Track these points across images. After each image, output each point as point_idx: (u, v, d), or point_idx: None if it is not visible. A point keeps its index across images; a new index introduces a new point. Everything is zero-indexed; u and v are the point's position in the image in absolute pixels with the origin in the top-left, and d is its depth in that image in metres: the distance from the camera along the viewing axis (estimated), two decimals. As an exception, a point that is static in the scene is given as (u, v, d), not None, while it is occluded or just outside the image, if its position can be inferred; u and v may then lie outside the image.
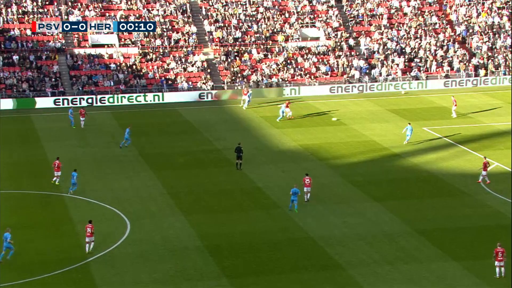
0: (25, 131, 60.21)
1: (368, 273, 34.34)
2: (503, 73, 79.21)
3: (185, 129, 60.74)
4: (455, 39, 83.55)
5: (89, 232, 36.37)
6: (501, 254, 33.40)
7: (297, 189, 41.88)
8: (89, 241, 36.40)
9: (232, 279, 33.66)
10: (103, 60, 74.24)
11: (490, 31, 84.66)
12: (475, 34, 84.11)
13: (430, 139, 57.51)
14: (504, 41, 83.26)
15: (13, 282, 33.21)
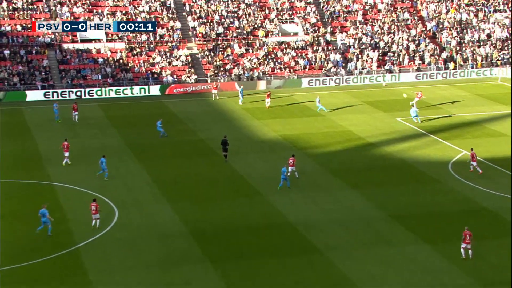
0: (16, 123, 59.70)
1: (345, 256, 34.39)
2: (471, 66, 79.73)
3: (170, 120, 60.46)
4: (426, 34, 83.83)
5: (94, 210, 37.25)
6: (468, 236, 33.59)
7: (284, 168, 43.18)
8: (95, 218, 37.30)
9: (215, 263, 33.58)
10: (91, 55, 73.71)
11: (458, 27, 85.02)
12: (445, 30, 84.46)
13: (403, 128, 57.67)
14: (471, 36, 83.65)
15: (4, 268, 32.90)
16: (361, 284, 31.60)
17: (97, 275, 32.37)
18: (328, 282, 31.92)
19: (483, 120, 60.25)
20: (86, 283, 31.68)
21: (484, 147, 51.29)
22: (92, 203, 37.61)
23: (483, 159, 48.48)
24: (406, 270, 33.02)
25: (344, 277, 32.31)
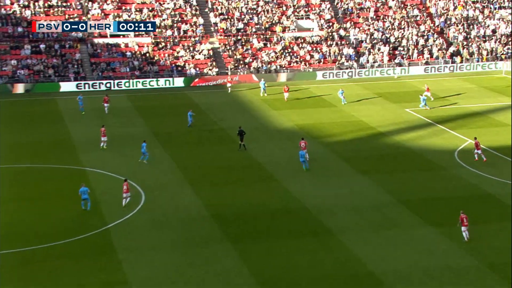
0: (51, 112, 60.13)
1: (356, 238, 34.42)
2: (476, 60, 79.08)
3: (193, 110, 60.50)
4: (434, 29, 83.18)
5: (125, 189, 37.97)
6: (465, 220, 33.60)
7: (302, 151, 44.15)
8: (125, 196, 38.05)
9: (234, 244, 33.75)
10: (120, 49, 73.94)
11: (465, 23, 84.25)
12: (452, 25, 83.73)
13: (412, 118, 57.43)
14: (477, 32, 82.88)
15: (39, 246, 33.31)
16: (370, 265, 31.65)
17: (125, 254, 32.67)
18: (340, 263, 31.99)
19: (487, 111, 59.82)
20: (115, 261, 31.98)
21: (488, 136, 50.98)
22: (124, 182, 38.30)
23: (487, 148, 48.21)
24: (413, 252, 33.01)
25: (355, 258, 32.37)
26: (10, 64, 69.32)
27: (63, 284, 29.90)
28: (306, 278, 30.45)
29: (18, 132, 53.59)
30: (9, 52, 70.41)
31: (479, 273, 30.97)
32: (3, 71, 68.55)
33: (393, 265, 31.68)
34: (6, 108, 60.99)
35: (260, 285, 29.83)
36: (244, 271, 31.06)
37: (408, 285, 29.88)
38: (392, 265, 31.68)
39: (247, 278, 30.49)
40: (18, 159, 46.40)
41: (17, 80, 67.67)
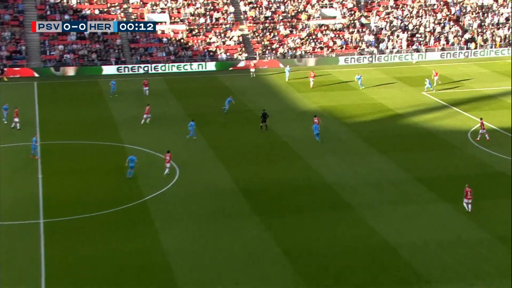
0: (94, 93, 60.41)
1: (375, 213, 34.17)
2: (490, 46, 77.55)
3: (223, 92, 60.43)
4: (451, 17, 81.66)
5: (167, 160, 38.69)
6: (469, 193, 33.54)
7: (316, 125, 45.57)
8: (167, 166, 38.63)
9: (261, 216, 33.72)
10: (157, 35, 73.85)
11: (480, 11, 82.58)
12: (467, 13, 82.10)
13: (428, 101, 56.65)
14: (491, 19, 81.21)
15: (82, 215, 33.61)
16: (388, 237, 31.39)
17: (161, 223, 32.83)
18: (359, 235, 31.79)
19: (499, 94, 58.76)
20: (152, 230, 32.17)
21: (500, 118, 50.15)
22: (166, 154, 38.84)
23: (499, 128, 47.43)
24: (428, 226, 32.68)
25: (373, 231, 32.13)
26: (58, 49, 69.71)
27: (103, 251, 30.15)
28: (327, 249, 30.33)
29: (64, 111, 53.95)
30: (57, 38, 70.75)
31: (490, 245, 30.58)
32: (52, 55, 68.99)
33: (409, 238, 31.39)
34: (54, 90, 61.42)
35: (284, 255, 29.78)
36: (269, 241, 31.02)
37: (423, 257, 29.60)
38: (408, 238, 31.39)
39: (272, 248, 30.46)
40: (63, 136, 46.73)
41: (63, 64, 68.03)
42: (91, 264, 28.95)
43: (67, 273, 28.18)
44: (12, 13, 71.48)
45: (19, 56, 68.23)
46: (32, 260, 29.11)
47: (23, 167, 40.62)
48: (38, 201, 35.46)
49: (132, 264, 28.97)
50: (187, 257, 29.54)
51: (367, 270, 28.55)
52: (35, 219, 33.23)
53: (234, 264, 29.03)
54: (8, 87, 61.75)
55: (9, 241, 31.04)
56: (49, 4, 73.81)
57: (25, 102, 55.98)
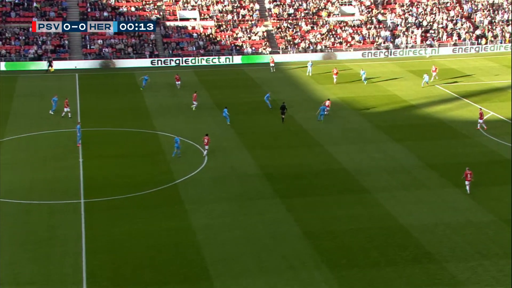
0: (129, 84, 60.76)
1: (389, 196, 34.00)
2: (500, 42, 76.24)
3: (249, 84, 60.43)
4: (463, 15, 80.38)
5: (205, 142, 39.55)
6: (469, 175, 33.54)
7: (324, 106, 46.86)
8: (207, 148, 39.58)
9: (283, 198, 33.76)
10: (187, 31, 73.93)
11: (491, 8, 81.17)
12: (479, 11, 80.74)
13: (441, 93, 55.97)
14: (502, 16, 79.77)
15: (119, 196, 33.97)
16: (401, 219, 31.23)
17: (190, 205, 33.04)
18: (374, 217, 31.68)
19: (508, 87, 57.78)
20: (182, 211, 32.41)
21: (508, 109, 49.33)
22: (205, 137, 39.55)
23: (507, 119, 46.69)
24: (439, 209, 32.43)
25: (387, 213, 31.99)
26: (97, 43, 70.21)
27: (138, 229, 30.46)
28: (344, 230, 30.28)
29: (103, 100, 54.38)
30: (96, 33, 71.24)
31: (498, 228, 30.29)
32: (92, 49, 69.50)
33: (420, 219, 31.20)
34: (94, 80, 61.93)
35: (304, 234, 29.81)
36: (290, 222, 31.06)
37: (434, 238, 29.43)
38: (419, 219, 31.20)
39: (293, 227, 30.50)
40: (101, 123, 47.15)
41: (102, 57, 68.50)
42: (127, 241, 29.28)
43: (106, 249, 28.56)
44: (57, 10, 72.09)
45: (62, 50, 68.88)
46: (74, 237, 29.52)
47: (66, 151, 41.12)
48: (79, 182, 35.90)
49: (164, 242, 29.24)
50: (214, 236, 29.71)
51: (381, 249, 28.46)
52: (77, 199, 33.67)
53: (257, 242, 29.13)
54: (52, 78, 62.43)
55: (52, 219, 31.50)
56: (89, 2, 74.26)
57: (68, 92, 56.59)
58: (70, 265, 27.19)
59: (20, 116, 49.09)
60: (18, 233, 29.96)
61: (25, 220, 31.31)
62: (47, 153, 40.61)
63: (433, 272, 26.67)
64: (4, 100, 53.54)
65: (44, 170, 37.83)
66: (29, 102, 53.38)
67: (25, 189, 35.02)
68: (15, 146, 42.06)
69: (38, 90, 57.76)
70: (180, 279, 26.29)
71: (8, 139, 43.41)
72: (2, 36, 69.08)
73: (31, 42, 68.78)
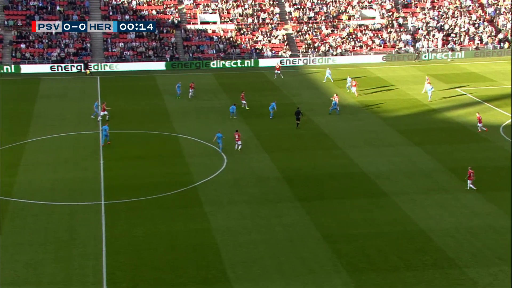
0: (150, 87, 61.18)
1: (408, 200, 33.78)
2: (523, 46, 75.38)
3: (268, 87, 60.47)
4: (485, 18, 79.57)
5: (237, 138, 41.02)
6: (472, 174, 34.17)
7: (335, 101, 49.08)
8: (237, 144, 41.10)
9: (302, 202, 33.72)
10: (208, 34, 74.26)
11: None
12: (502, 14, 79.85)
13: (462, 97, 55.46)
14: (525, 20, 78.85)
15: (139, 198, 34.21)
16: (420, 223, 31.01)
17: (210, 207, 33.15)
18: (393, 221, 31.49)
19: (531, 91, 57.07)
20: (202, 212, 32.54)
21: (531, 114, 48.76)
22: (236, 133, 41.11)
23: (530, 124, 46.15)
24: (458, 213, 32.16)
25: (407, 217, 31.78)
26: (119, 46, 70.83)
27: (158, 230, 30.65)
28: (363, 234, 30.14)
29: (124, 102, 54.81)
30: (118, 36, 71.89)
31: (519, 234, 29.85)
32: (113, 52, 70.15)
33: (440, 224, 30.94)
34: (115, 82, 62.46)
35: (323, 238, 29.74)
36: (309, 225, 31.02)
37: (454, 242, 29.16)
38: (439, 224, 30.94)
39: (311, 230, 30.47)
40: (122, 125, 47.51)
41: (123, 60, 69.08)
42: (147, 242, 29.47)
43: (126, 250, 28.77)
44: (79, 13, 72.89)
45: (84, 53, 69.63)
46: (94, 238, 29.79)
47: (87, 153, 41.54)
48: (100, 184, 36.23)
49: (183, 243, 29.38)
50: (233, 238, 29.77)
51: (401, 254, 28.28)
52: (97, 200, 33.98)
53: (276, 245, 29.12)
54: (75, 81, 63.08)
55: (73, 220, 31.82)
56: (111, 5, 74.99)
57: (89, 95, 57.20)
58: (90, 266, 27.45)
59: (43, 118, 49.72)
60: (40, 233, 30.33)
61: (47, 220, 31.69)
62: (69, 155, 41.07)
63: (454, 277, 26.44)
64: (27, 102, 54.29)
65: (65, 171, 38.25)
66: (51, 104, 54.04)
67: (47, 190, 35.44)
68: (38, 148, 42.60)
69: (61, 92, 58.44)
70: (199, 281, 26.40)
71: (31, 140, 43.99)
72: (26, 39, 70.06)
73: (54, 45, 69.64)
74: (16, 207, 33.09)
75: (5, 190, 35.09)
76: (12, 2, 73.13)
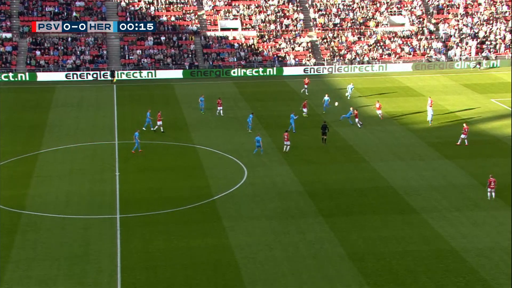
0: (169, 96, 61.57)
1: (439, 217, 33.42)
2: None
3: (291, 96, 60.48)
4: (522, 25, 78.83)
5: (286, 138, 43.19)
6: (493, 183, 34.55)
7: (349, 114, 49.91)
8: (286, 144, 43.17)
9: (326, 217, 33.55)
10: (228, 41, 74.69)
11: (553, 18, 79.37)
12: (540, 21, 79.06)
13: (496, 108, 54.88)
14: None
15: (155, 212, 34.34)
16: (452, 242, 30.63)
17: (229, 222, 33.15)
18: (423, 239, 31.15)
19: None
20: (221, 228, 32.53)
21: None
22: (285, 133, 43.39)
23: None
24: (494, 232, 31.70)
25: (437, 235, 31.43)
26: (136, 53, 71.56)
27: (174, 246, 30.70)
28: (391, 252, 29.86)
29: (140, 112, 55.15)
30: (135, 43, 72.68)
31: (558, 255, 29.32)
32: (130, 59, 70.88)
33: (474, 243, 30.53)
34: (132, 91, 63.00)
35: (348, 256, 29.53)
36: (333, 242, 30.83)
37: (489, 263, 28.73)
38: (473, 243, 30.53)
39: (336, 247, 30.27)
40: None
41: (141, 68, 69.74)
42: (163, 258, 29.53)
43: (142, 266, 28.85)
44: (96, 19, 73.83)
45: (101, 60, 70.45)
46: (109, 253, 29.94)
47: (102, 164, 41.87)
48: (116, 196, 36.48)
49: (201, 260, 29.36)
50: (254, 255, 29.69)
51: (431, 274, 27.94)
52: (112, 214, 34.20)
53: (299, 263, 28.99)
54: (90, 89, 63.79)
55: (87, 234, 32.04)
56: (129, 11, 75.88)
57: (105, 104, 57.78)
58: (105, 283, 27.57)
59: (57, 128, 50.32)
60: (53, 248, 30.58)
61: (60, 234, 31.95)
62: (84, 166, 41.45)
63: (488, 299, 26.05)
64: (42, 111, 55.01)
65: (80, 183, 38.60)
66: (66, 113, 54.69)
67: (61, 202, 35.78)
68: (52, 158, 43.08)
69: (76, 101, 59.14)
70: (217, 300, 26.34)
71: (44, 151, 44.51)
72: (41, 46, 71.15)
73: (69, 52, 70.60)
74: (28, 221, 33.45)
75: (18, 203, 35.52)
76: (27, 8, 74.39)
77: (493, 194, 35.20)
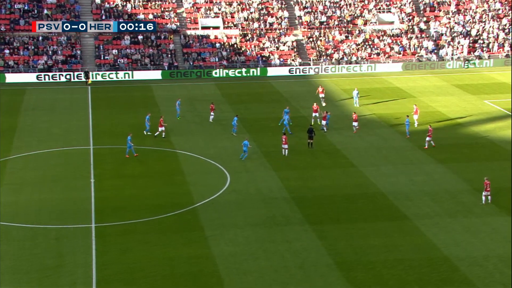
0: (147, 98, 61.39)
1: (431, 224, 33.62)
2: (558, 53, 75.36)
3: (276, 98, 60.60)
4: (516, 23, 79.73)
5: (284, 141, 43.64)
6: (488, 186, 35.07)
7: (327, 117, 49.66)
8: (284, 147, 43.67)
9: (313, 225, 33.60)
10: (210, 40, 74.69)
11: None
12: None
13: (490, 110, 55.40)
14: (560, 25, 78.93)
15: (134, 220, 34.17)
16: (445, 250, 30.81)
17: (211, 230, 33.08)
18: (415, 247, 31.31)
19: None
20: (202, 237, 32.45)
21: None
22: (283, 136, 44.10)
23: None
24: (488, 239, 31.93)
25: (430, 243, 31.60)
26: (112, 53, 71.28)
27: (154, 257, 30.56)
28: (381, 261, 29.97)
29: (117, 115, 54.97)
30: (111, 43, 72.41)
31: (555, 262, 29.61)
32: (106, 59, 70.59)
33: (468, 251, 30.74)
34: (107, 93, 62.71)
35: (337, 265, 29.59)
36: (321, 251, 30.88)
37: (483, 271, 28.92)
38: (467, 251, 30.74)
39: (324, 257, 30.32)
40: (115, 140, 47.56)
41: (117, 68, 69.48)
42: (142, 269, 29.37)
43: (118, 279, 28.68)
44: (69, 17, 73.45)
45: (74, 61, 70.09)
46: (83, 265, 29.73)
47: (76, 171, 41.61)
48: (91, 205, 36.24)
49: (182, 271, 29.27)
50: (237, 265, 29.65)
51: (423, 283, 28.07)
52: (87, 223, 33.96)
53: (285, 273, 28.98)
54: (63, 91, 63.41)
55: (60, 245, 31.79)
56: (104, 9, 75.57)
57: (79, 107, 57.46)
58: (79, 295, 27.37)
59: (28, 132, 49.93)
60: (23, 260, 30.29)
61: (31, 245, 31.66)
62: (56, 173, 41.16)
63: (482, 310, 26.22)
64: (11, 115, 54.55)
65: (52, 191, 38.31)
66: (37, 117, 54.29)
67: (32, 211, 35.48)
68: (22, 165, 42.73)
69: (48, 103, 58.76)
70: (199, 313, 26.26)
71: (14, 157, 44.13)
72: (10, 45, 70.60)
73: (40, 52, 70.14)
74: (-3, 230, 33.11)
75: (-14, 212, 35.15)
76: (-5, 5, 73.88)
77: (489, 198, 35.58)
